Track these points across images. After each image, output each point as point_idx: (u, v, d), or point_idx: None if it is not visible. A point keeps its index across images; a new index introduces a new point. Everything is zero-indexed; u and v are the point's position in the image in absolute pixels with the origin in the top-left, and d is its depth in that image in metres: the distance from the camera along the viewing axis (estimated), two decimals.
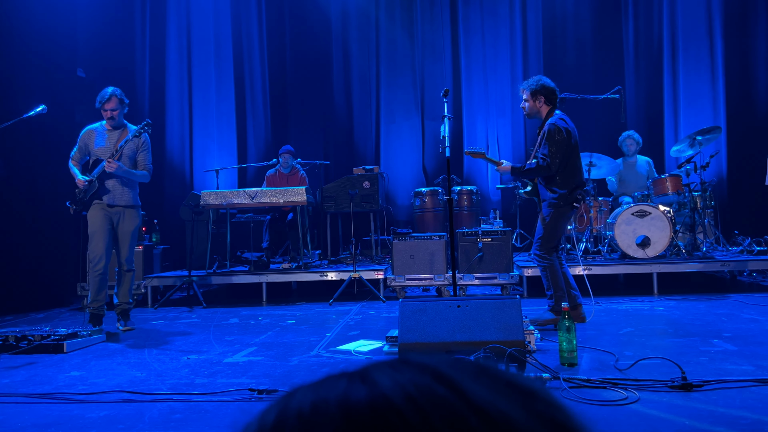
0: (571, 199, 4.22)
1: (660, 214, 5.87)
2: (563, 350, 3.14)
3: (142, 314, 5.61)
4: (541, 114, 4.36)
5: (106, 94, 4.63)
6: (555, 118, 4.26)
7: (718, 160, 7.73)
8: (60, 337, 4.00)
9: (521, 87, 4.45)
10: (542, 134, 4.26)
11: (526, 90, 4.38)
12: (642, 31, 8.42)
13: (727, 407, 2.39)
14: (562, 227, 4.31)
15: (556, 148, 4.17)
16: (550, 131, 4.21)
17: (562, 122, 4.25)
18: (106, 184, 4.65)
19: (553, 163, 4.17)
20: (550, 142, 4.19)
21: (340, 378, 0.39)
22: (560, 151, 4.18)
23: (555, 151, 4.17)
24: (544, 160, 4.19)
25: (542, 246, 4.27)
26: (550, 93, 4.33)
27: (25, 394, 2.96)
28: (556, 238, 4.28)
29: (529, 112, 4.39)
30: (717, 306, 4.94)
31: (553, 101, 4.35)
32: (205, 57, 8.73)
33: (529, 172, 4.32)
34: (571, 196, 4.22)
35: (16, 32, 6.30)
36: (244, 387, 2.89)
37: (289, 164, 7.23)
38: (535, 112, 4.37)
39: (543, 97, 4.32)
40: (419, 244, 6.02)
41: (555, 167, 4.18)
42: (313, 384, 0.39)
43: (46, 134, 6.37)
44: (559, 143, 4.17)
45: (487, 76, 8.70)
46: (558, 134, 4.18)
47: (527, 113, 4.42)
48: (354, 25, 8.93)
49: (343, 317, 5.10)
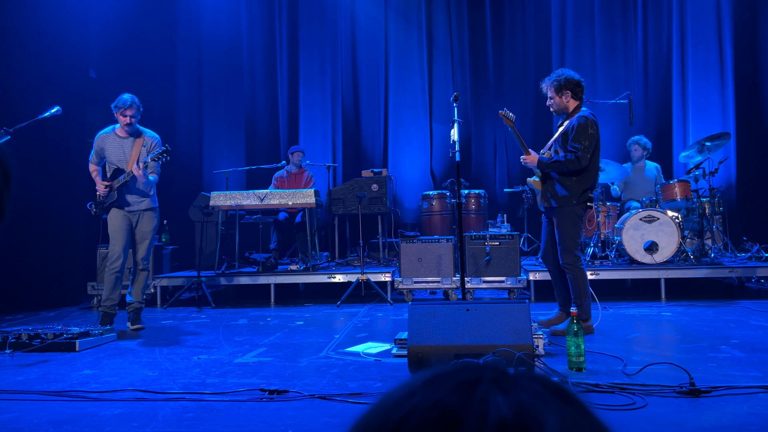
0: (585, 197, 4.08)
1: (668, 220, 5.87)
2: (571, 355, 3.16)
3: (151, 314, 5.66)
4: (568, 109, 4.17)
5: (127, 101, 4.66)
6: (587, 112, 4.09)
7: (727, 166, 7.72)
8: (72, 335, 4.05)
9: (544, 84, 4.24)
10: (570, 127, 4.04)
11: (550, 86, 4.17)
12: (651, 36, 8.42)
13: (735, 414, 2.40)
14: (579, 228, 4.13)
15: (589, 142, 3.97)
16: (583, 124, 3.99)
17: (593, 117, 4.07)
18: (126, 197, 4.75)
19: (585, 158, 3.97)
20: (583, 136, 3.97)
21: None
22: (592, 146, 3.99)
23: (588, 146, 3.97)
24: (575, 153, 3.96)
25: (569, 252, 4.08)
26: (575, 86, 4.13)
27: (40, 392, 3.01)
28: (578, 240, 4.12)
29: (557, 109, 4.19)
30: (725, 312, 4.93)
31: (579, 95, 4.15)
32: (215, 58, 8.80)
33: (557, 165, 4.07)
34: (584, 195, 4.08)
35: (29, 34, 6.37)
36: (255, 387, 2.93)
37: (299, 163, 7.28)
38: (563, 108, 4.16)
39: (569, 91, 4.12)
40: (427, 247, 6.04)
41: (586, 162, 3.98)
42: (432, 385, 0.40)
43: (58, 134, 6.43)
44: (592, 137, 3.99)
45: (496, 79, 8.72)
46: (591, 128, 4.00)
47: (555, 110, 4.21)
48: (362, 28, 8.97)
49: (351, 319, 5.13)
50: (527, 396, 0.38)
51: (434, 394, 0.39)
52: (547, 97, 4.23)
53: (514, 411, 0.37)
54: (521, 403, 0.37)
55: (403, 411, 0.38)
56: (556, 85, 4.14)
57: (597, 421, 0.39)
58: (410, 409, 0.38)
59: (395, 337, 3.77)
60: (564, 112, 4.20)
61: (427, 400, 0.38)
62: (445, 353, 3.04)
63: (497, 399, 0.38)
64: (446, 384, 0.40)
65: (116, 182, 4.70)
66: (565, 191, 4.09)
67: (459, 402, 0.38)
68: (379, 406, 0.40)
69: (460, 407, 0.37)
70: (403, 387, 0.41)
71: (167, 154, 4.67)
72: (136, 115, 4.72)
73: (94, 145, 4.83)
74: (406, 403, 0.39)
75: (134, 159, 4.69)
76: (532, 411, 0.37)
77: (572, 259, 4.09)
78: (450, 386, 0.39)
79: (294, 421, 2.48)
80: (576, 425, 0.37)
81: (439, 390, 0.39)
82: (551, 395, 0.39)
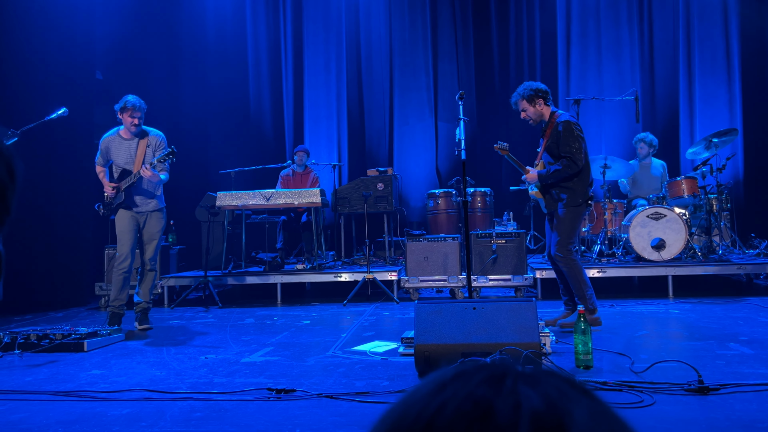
0: (587, 196, 4.17)
1: (675, 217, 5.85)
2: (579, 353, 3.15)
3: (158, 314, 5.68)
4: (545, 116, 4.27)
5: (135, 103, 4.67)
6: (566, 116, 4.19)
7: (735, 162, 7.67)
8: (81, 336, 4.07)
9: (513, 99, 4.33)
10: (556, 133, 4.13)
11: (520, 100, 4.26)
12: (657, 33, 8.38)
13: (744, 411, 2.39)
14: (578, 226, 4.24)
15: (579, 143, 4.08)
16: (567, 127, 4.09)
17: (573, 118, 4.18)
18: (134, 198, 4.76)
19: (579, 158, 4.06)
20: (570, 138, 4.07)
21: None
22: (583, 146, 4.09)
23: (579, 147, 4.07)
24: (570, 158, 4.06)
25: (562, 246, 4.17)
26: (544, 93, 4.24)
27: (49, 392, 3.02)
28: (574, 237, 4.21)
29: (534, 118, 4.29)
30: (733, 309, 4.91)
31: (549, 101, 4.26)
32: (220, 59, 8.82)
33: (557, 174, 4.13)
34: (587, 193, 4.17)
35: (36, 36, 6.40)
36: (263, 386, 2.93)
37: (303, 163, 7.30)
38: (539, 116, 4.28)
39: (540, 99, 4.23)
40: (433, 245, 6.04)
41: (582, 162, 4.08)
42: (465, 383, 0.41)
43: (64, 136, 6.46)
44: (579, 138, 4.09)
45: (501, 77, 8.70)
46: (576, 128, 4.11)
47: (533, 120, 4.30)
48: (366, 27, 8.96)
49: (358, 318, 5.13)
50: (552, 390, 0.39)
51: (465, 387, 0.40)
52: (520, 112, 4.30)
53: (545, 402, 0.38)
54: (549, 395, 0.39)
55: (435, 404, 0.39)
56: (528, 96, 4.23)
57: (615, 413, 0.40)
58: (443, 402, 0.39)
59: (402, 335, 3.77)
60: (541, 119, 4.29)
61: (459, 393, 0.39)
62: (451, 352, 3.03)
63: (527, 392, 0.39)
64: (475, 378, 0.41)
65: (123, 183, 4.73)
66: (571, 193, 4.16)
67: (491, 394, 0.39)
68: (409, 400, 0.41)
69: (493, 398, 0.38)
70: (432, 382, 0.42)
71: (173, 156, 4.67)
72: (143, 116, 4.75)
73: (100, 147, 4.85)
74: (438, 397, 0.39)
75: (140, 159, 4.71)
76: (560, 404, 0.38)
77: (564, 252, 4.17)
78: (479, 380, 0.40)
79: (302, 420, 2.48)
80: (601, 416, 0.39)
81: (469, 383, 0.40)
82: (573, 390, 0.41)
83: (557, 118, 4.19)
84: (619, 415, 0.40)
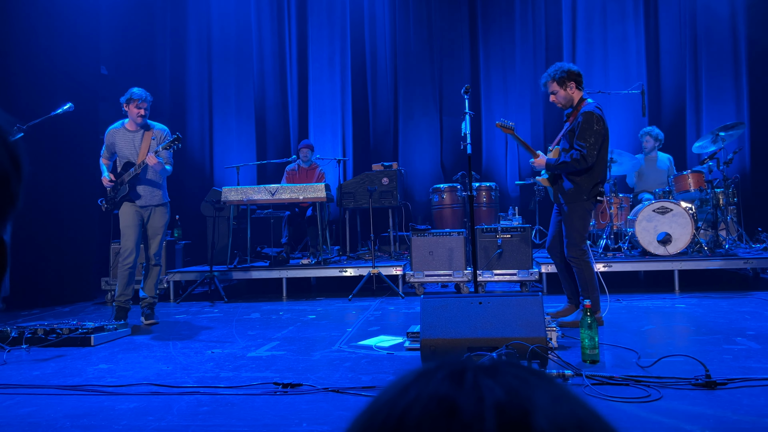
0: (595, 192, 4.04)
1: (682, 211, 5.82)
2: (585, 347, 3.14)
3: (164, 308, 5.70)
4: (574, 101, 4.07)
5: (142, 94, 4.68)
6: (592, 107, 3.97)
7: (742, 156, 7.62)
8: (87, 330, 4.09)
9: (543, 80, 4.14)
10: (576, 122, 3.96)
11: (550, 81, 4.08)
12: (663, 26, 8.32)
13: (751, 406, 2.38)
14: (588, 222, 4.12)
15: (595, 139, 3.89)
16: (588, 119, 3.89)
17: (599, 111, 3.97)
18: (137, 189, 4.75)
19: (591, 155, 3.89)
20: (588, 132, 3.88)
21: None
22: (598, 143, 3.91)
23: (594, 143, 3.89)
24: (581, 152, 3.88)
25: (575, 246, 4.06)
26: (577, 76, 4.05)
27: (56, 386, 3.04)
28: (585, 234, 4.10)
29: (564, 102, 4.09)
30: (740, 304, 4.89)
31: (582, 85, 4.07)
32: (225, 54, 8.81)
33: (564, 166, 4.00)
34: (594, 190, 4.04)
35: (41, 31, 6.41)
36: (269, 381, 2.94)
37: (309, 158, 7.29)
38: (569, 100, 4.07)
39: (573, 82, 4.04)
40: (438, 240, 6.03)
41: (592, 160, 3.90)
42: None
43: (70, 131, 6.47)
44: (597, 134, 3.90)
45: (506, 71, 8.67)
46: (597, 123, 3.90)
47: (562, 104, 4.11)
48: (371, 20, 8.93)
49: (363, 313, 5.14)
50: (512, 379, 0.40)
51: (427, 386, 0.40)
52: (549, 94, 4.13)
53: (506, 392, 0.39)
54: (509, 384, 0.39)
55: (401, 407, 0.39)
56: (560, 78, 4.04)
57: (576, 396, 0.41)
58: (407, 404, 0.39)
59: (407, 330, 3.77)
60: (570, 105, 4.12)
61: (422, 394, 0.40)
62: (457, 346, 3.03)
63: (488, 383, 0.39)
64: (436, 376, 0.41)
65: (127, 175, 4.72)
66: (576, 187, 4.05)
67: (453, 390, 0.39)
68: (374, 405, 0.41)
69: (456, 395, 0.39)
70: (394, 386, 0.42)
71: (178, 142, 4.68)
72: (149, 108, 4.75)
73: (105, 140, 4.86)
74: (402, 400, 0.40)
75: (145, 151, 4.71)
76: (521, 391, 0.39)
77: (578, 253, 4.06)
78: (440, 378, 0.41)
79: (308, 414, 2.49)
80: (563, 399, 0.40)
81: (431, 383, 0.40)
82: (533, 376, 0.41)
83: (583, 106, 4.01)
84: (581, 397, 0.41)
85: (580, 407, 0.40)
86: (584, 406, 0.40)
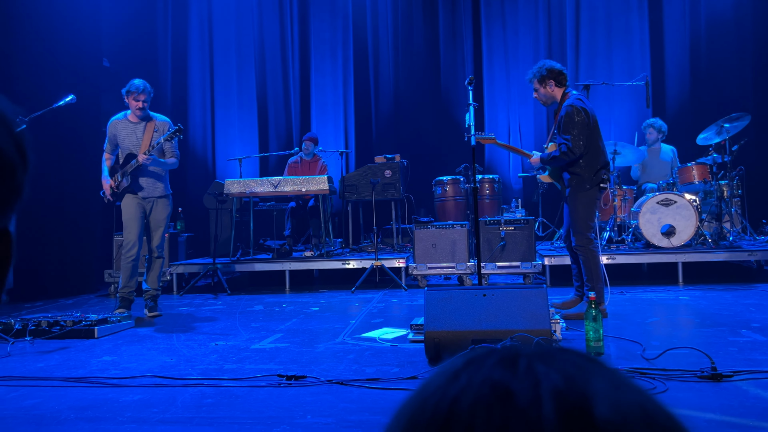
0: (597, 179, 4.07)
1: (686, 203, 5.80)
2: (590, 339, 3.13)
3: (168, 301, 5.71)
4: (555, 98, 4.22)
5: (140, 86, 4.66)
6: (572, 99, 4.11)
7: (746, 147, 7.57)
8: (91, 322, 4.09)
9: (528, 78, 4.31)
10: (560, 118, 4.11)
11: (533, 79, 4.25)
12: (667, 17, 8.26)
13: (758, 398, 2.37)
14: (593, 210, 4.15)
15: (578, 130, 4.01)
16: (569, 113, 4.05)
17: (580, 102, 4.09)
18: (140, 181, 4.74)
19: (577, 147, 4.01)
20: (570, 125, 4.03)
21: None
22: (583, 133, 4.02)
23: (578, 134, 4.01)
24: (567, 144, 4.03)
25: (581, 234, 4.10)
26: (557, 74, 4.19)
27: (60, 378, 3.04)
28: (591, 222, 4.13)
29: (545, 100, 4.27)
30: (744, 296, 4.88)
31: (563, 82, 4.20)
32: (226, 46, 8.78)
33: (554, 161, 4.15)
34: (597, 177, 4.07)
35: (43, 23, 6.38)
36: (273, 373, 2.94)
37: (311, 151, 7.27)
38: (550, 98, 4.24)
39: (552, 80, 4.18)
40: (441, 232, 6.02)
41: (579, 150, 4.02)
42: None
43: (72, 123, 6.45)
44: (579, 125, 4.01)
45: (509, 63, 8.62)
46: (578, 115, 4.03)
47: (543, 101, 4.30)
48: (372, 12, 8.88)
49: (366, 305, 5.14)
50: (569, 365, 0.38)
51: (479, 372, 0.38)
52: (533, 90, 4.29)
53: (563, 377, 0.37)
54: (567, 371, 0.38)
55: (451, 394, 0.37)
56: (539, 77, 4.21)
57: (634, 382, 0.40)
58: (459, 391, 0.37)
59: (411, 322, 3.76)
60: (552, 101, 4.25)
61: (474, 379, 0.38)
62: (461, 338, 3.02)
63: (543, 369, 0.38)
64: (487, 362, 0.39)
65: (129, 167, 4.70)
66: (577, 177, 4.11)
67: (507, 376, 0.37)
68: (422, 393, 0.39)
69: (510, 380, 0.37)
70: (443, 372, 0.40)
71: (180, 133, 4.68)
72: (148, 100, 4.73)
73: (108, 132, 4.83)
74: (452, 386, 0.38)
75: (147, 143, 4.70)
76: (579, 378, 0.37)
77: (584, 241, 4.11)
78: (491, 363, 0.39)
79: (312, 406, 2.49)
80: (622, 385, 0.38)
81: (483, 368, 0.39)
82: (590, 363, 0.40)
83: (566, 101, 4.14)
84: (638, 383, 0.40)
85: (641, 394, 0.38)
86: (644, 393, 0.39)
